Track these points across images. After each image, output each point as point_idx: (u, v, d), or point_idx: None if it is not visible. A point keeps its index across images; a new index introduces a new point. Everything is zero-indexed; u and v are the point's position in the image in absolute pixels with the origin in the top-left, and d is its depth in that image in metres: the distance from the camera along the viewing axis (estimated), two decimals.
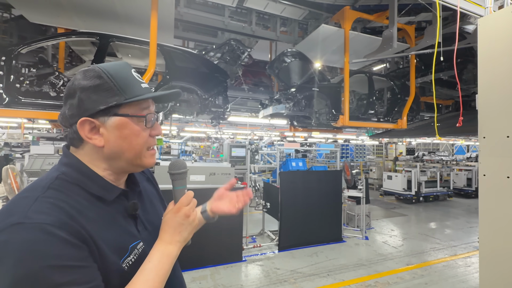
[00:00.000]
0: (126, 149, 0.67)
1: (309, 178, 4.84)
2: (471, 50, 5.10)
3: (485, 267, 1.62)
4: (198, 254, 3.70)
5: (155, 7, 3.16)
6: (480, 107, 1.72)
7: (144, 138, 0.70)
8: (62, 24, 3.92)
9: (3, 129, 10.76)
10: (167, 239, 0.68)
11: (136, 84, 0.69)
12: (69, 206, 0.58)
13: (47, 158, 4.17)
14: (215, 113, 4.34)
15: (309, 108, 5.04)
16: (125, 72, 0.69)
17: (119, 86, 0.65)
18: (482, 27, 1.74)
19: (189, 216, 0.70)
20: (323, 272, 3.71)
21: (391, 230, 5.72)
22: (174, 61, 3.84)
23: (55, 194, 0.59)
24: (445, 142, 21.58)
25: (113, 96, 0.64)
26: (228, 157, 8.84)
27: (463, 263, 4.10)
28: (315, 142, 16.42)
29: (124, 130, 0.66)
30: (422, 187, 8.52)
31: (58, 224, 0.53)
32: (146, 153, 0.72)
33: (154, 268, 0.63)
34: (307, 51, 5.14)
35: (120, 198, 0.71)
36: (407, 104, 5.24)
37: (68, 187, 0.62)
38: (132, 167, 0.72)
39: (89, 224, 0.59)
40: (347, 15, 4.27)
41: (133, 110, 0.68)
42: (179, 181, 0.75)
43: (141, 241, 0.70)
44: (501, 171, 1.59)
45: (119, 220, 0.68)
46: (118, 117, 0.66)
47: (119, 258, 0.63)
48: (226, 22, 4.70)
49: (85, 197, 0.63)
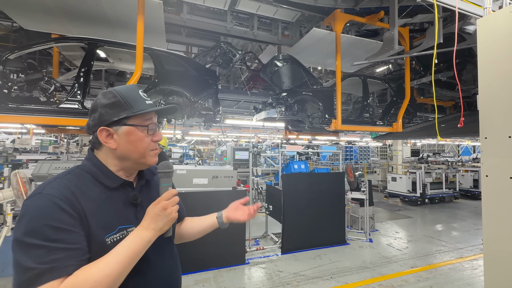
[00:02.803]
0: (133, 151, 0.88)
1: (312, 180, 4.83)
2: (470, 51, 5.05)
3: (490, 270, 1.61)
4: (201, 256, 3.71)
5: (141, 11, 3.18)
6: (481, 107, 1.72)
7: (147, 142, 0.90)
8: (56, 30, 3.95)
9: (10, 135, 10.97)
10: (144, 225, 0.81)
11: (142, 101, 0.90)
12: (75, 187, 0.78)
13: (54, 163, 4.24)
14: (206, 116, 4.30)
15: (302, 112, 4.98)
16: (133, 92, 0.91)
17: (128, 103, 0.87)
18: (482, 27, 1.75)
19: (166, 209, 0.82)
20: (327, 275, 3.69)
21: (395, 233, 5.66)
22: (163, 65, 3.81)
23: (70, 177, 0.81)
24: (451, 143, 21.31)
25: (123, 111, 0.86)
26: (231, 160, 8.88)
27: (469, 266, 4.04)
28: (317, 145, 16.35)
29: (131, 136, 0.87)
30: (427, 188, 8.42)
31: (62, 197, 0.73)
32: (150, 153, 0.91)
33: (126, 246, 0.76)
34: (301, 54, 5.09)
35: (125, 189, 0.89)
36: (402, 107, 5.13)
37: (82, 174, 0.84)
38: (138, 165, 0.92)
39: (87, 202, 0.77)
40: (338, 18, 4.24)
41: (138, 121, 0.89)
42: (165, 179, 0.90)
43: (134, 226, 0.85)
44: (504, 171, 1.57)
45: (117, 205, 0.85)
46: (127, 127, 0.86)
47: (105, 233, 0.79)
48: (229, 27, 4.76)
49: (93, 183, 0.83)
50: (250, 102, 7.56)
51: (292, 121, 5.31)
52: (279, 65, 4.77)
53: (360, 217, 5.45)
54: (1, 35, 4.69)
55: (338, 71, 4.50)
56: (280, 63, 4.75)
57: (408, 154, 14.37)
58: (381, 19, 4.55)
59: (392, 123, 5.31)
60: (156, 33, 4.00)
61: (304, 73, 4.89)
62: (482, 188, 1.68)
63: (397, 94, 5.42)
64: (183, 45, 6.17)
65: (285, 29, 5.42)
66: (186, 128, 11.30)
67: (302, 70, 4.87)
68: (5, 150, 6.96)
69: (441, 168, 10.14)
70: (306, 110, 5.06)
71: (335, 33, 4.31)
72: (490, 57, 1.69)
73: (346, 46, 4.73)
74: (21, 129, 10.31)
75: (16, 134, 10.11)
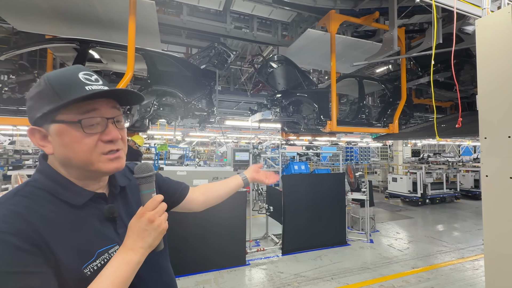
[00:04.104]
0: (71, 156, 0.65)
1: (312, 181, 4.83)
2: (467, 51, 5.03)
3: (491, 270, 1.60)
4: (201, 258, 3.71)
5: (133, 11, 3.16)
6: (480, 107, 1.72)
7: (89, 145, 0.65)
8: (50, 31, 3.90)
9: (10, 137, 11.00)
10: (129, 245, 0.64)
11: (78, 86, 0.64)
12: (30, 212, 0.58)
13: None
14: (200, 117, 4.26)
15: (297, 113, 4.94)
16: (68, 76, 0.65)
17: (55, 91, 0.62)
18: (480, 28, 1.75)
19: (154, 221, 0.66)
20: (327, 276, 3.68)
21: (396, 233, 5.65)
22: (156, 65, 3.77)
23: (19, 201, 0.60)
24: (451, 143, 21.28)
25: (49, 103, 0.62)
26: (232, 161, 8.88)
27: (470, 266, 4.03)
28: (317, 146, 16.35)
29: (64, 137, 0.64)
30: (428, 189, 8.41)
31: (12, 231, 0.54)
32: (101, 158, 0.67)
33: (110, 275, 0.60)
34: (297, 56, 5.03)
35: (97, 202, 0.71)
36: (399, 108, 5.06)
37: (36, 193, 0.63)
38: (90, 173, 0.69)
39: (50, 229, 0.59)
40: (332, 18, 4.23)
41: (71, 116, 0.64)
42: (145, 185, 0.73)
43: (117, 245, 0.69)
44: (504, 171, 1.58)
45: (91, 224, 0.67)
46: (56, 124, 0.64)
47: (82, 263, 0.61)
48: (229, 28, 4.77)
49: (53, 202, 0.63)
50: (250, 103, 7.57)
51: (288, 122, 5.27)
52: (274, 66, 4.73)
53: (360, 217, 5.44)
54: (2, 37, 4.71)
55: (333, 72, 4.48)
56: (275, 64, 4.71)
57: (409, 155, 14.37)
58: (376, 20, 4.56)
59: (389, 124, 5.28)
60: (150, 33, 3.97)
61: (299, 74, 4.85)
62: (482, 188, 1.68)
63: (394, 95, 5.38)
64: (184, 46, 6.19)
65: (284, 30, 5.43)
66: (186, 130, 11.31)
67: (297, 71, 4.83)
68: (5, 152, 6.97)
69: (442, 168, 10.12)
70: (301, 111, 5.02)
71: (330, 34, 4.30)
72: (489, 57, 1.69)
73: (341, 47, 4.70)
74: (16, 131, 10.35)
75: (17, 136, 10.13)
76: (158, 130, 10.67)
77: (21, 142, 8.53)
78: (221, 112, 7.61)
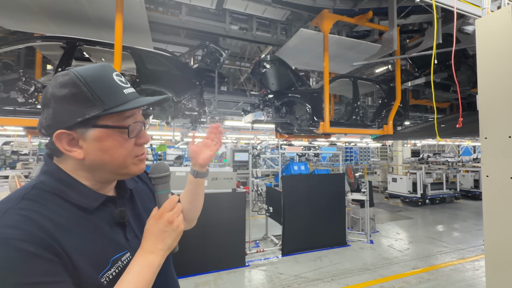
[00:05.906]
0: (108, 161, 0.64)
1: (312, 181, 4.81)
2: (464, 52, 5.01)
3: (491, 270, 1.59)
4: (200, 259, 3.69)
5: (120, 9, 3.12)
6: (480, 107, 1.71)
7: (128, 148, 0.65)
8: (38, 30, 3.86)
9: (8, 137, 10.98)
10: (149, 248, 0.63)
11: (118, 90, 0.63)
12: (43, 217, 0.55)
13: None
14: (191, 117, 4.19)
15: (290, 114, 4.88)
16: (105, 77, 0.63)
17: (97, 95, 0.60)
18: (480, 27, 1.74)
19: (173, 222, 0.65)
20: (327, 277, 3.67)
21: (396, 234, 5.64)
22: (145, 64, 3.70)
23: (28, 205, 0.55)
24: (451, 143, 21.30)
25: (91, 107, 0.59)
26: (231, 162, 8.87)
27: (471, 267, 4.02)
28: (316, 146, 16.35)
29: (105, 142, 0.62)
30: (428, 189, 8.40)
31: (27, 238, 0.50)
32: (134, 160, 0.67)
33: (133, 280, 0.58)
34: (291, 56, 4.99)
35: (106, 206, 0.67)
36: (393, 109, 5.01)
37: (45, 196, 0.59)
38: (118, 176, 0.68)
39: (65, 236, 0.56)
40: (325, 17, 4.20)
41: (115, 120, 0.63)
42: (162, 185, 0.71)
43: (128, 252, 0.66)
44: (505, 172, 1.57)
45: (103, 230, 0.64)
46: (98, 129, 0.61)
47: (98, 272, 0.59)
48: (227, 28, 4.76)
49: (64, 207, 0.59)
50: (250, 103, 7.56)
51: (281, 123, 5.19)
52: (266, 66, 4.66)
53: (360, 218, 5.43)
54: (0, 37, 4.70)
55: (326, 71, 4.43)
56: (268, 65, 4.64)
57: (409, 155, 14.38)
58: (370, 19, 4.54)
59: (383, 125, 5.23)
60: (140, 32, 3.90)
61: (292, 75, 4.79)
62: (482, 189, 1.67)
63: (388, 95, 5.33)
64: (183, 46, 6.18)
65: (283, 30, 5.42)
66: (185, 130, 11.29)
67: (290, 71, 4.78)
68: (3, 153, 6.95)
69: (442, 169, 10.12)
70: (294, 112, 4.95)
71: (323, 33, 4.26)
72: (489, 57, 1.68)
73: (336, 47, 4.66)
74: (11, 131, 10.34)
75: (15, 137, 10.10)
76: (157, 130, 10.65)
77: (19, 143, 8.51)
78: (220, 113, 7.58)
